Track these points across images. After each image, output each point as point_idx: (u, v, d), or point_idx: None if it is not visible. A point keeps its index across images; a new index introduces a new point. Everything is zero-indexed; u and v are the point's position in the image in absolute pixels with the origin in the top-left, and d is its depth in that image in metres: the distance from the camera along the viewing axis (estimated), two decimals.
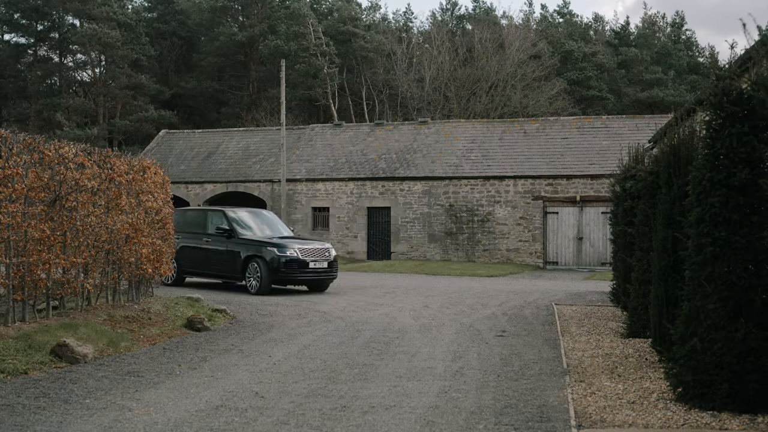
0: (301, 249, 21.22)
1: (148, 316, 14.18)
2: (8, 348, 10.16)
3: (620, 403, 8.29)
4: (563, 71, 67.29)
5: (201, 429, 7.33)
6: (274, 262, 20.79)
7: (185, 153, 45.21)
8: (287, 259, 20.89)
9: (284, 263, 20.82)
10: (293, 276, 21.08)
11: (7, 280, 11.43)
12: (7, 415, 7.66)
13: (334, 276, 22.16)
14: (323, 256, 21.64)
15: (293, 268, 20.94)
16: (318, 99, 65.82)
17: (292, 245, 21.29)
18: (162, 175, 17.06)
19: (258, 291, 20.84)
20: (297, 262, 21.00)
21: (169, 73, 72.43)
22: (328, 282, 22.17)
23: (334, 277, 22.29)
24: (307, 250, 21.34)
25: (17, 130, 12.52)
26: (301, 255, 21.12)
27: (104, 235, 13.99)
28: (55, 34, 70.29)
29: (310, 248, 21.44)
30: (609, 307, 17.63)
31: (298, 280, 21.29)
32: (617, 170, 16.32)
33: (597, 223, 35.61)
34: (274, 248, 21.00)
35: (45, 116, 64.17)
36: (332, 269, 21.92)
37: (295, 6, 67.92)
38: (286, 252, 20.94)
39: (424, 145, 40.38)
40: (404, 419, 7.79)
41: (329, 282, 22.26)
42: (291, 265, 20.90)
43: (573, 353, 11.65)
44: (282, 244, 21.26)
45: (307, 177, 40.60)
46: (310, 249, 21.44)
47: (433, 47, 65.69)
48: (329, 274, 21.87)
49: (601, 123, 39.55)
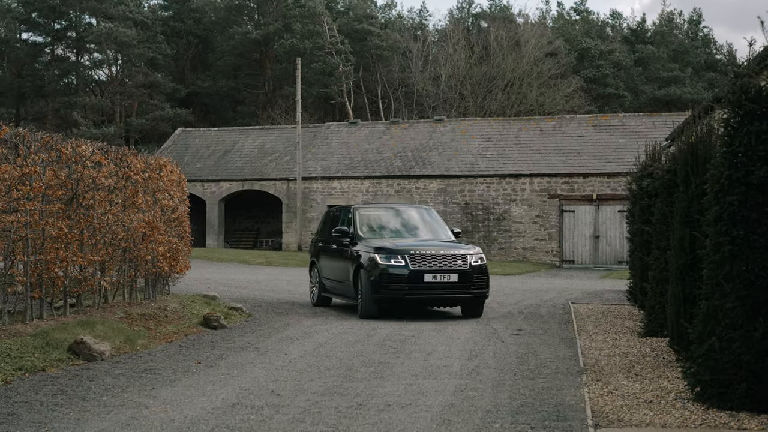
0: (413, 255, 15.70)
1: (164, 314, 14.22)
2: (26, 345, 10.20)
3: (637, 402, 8.25)
4: (580, 69, 67.05)
5: (217, 427, 7.34)
6: (374, 275, 15.60)
7: (201, 151, 45.32)
8: (390, 271, 15.55)
9: (386, 276, 15.51)
10: (398, 293, 15.67)
11: (25, 277, 11.48)
12: (25, 412, 7.69)
13: (470, 294, 15.96)
14: (451, 265, 15.77)
15: (399, 283, 15.56)
16: (333, 97, 65.82)
17: (407, 250, 15.84)
18: (178, 173, 17.10)
19: (361, 313, 15.97)
20: (404, 275, 15.54)
21: (185, 71, 72.59)
22: (466, 301, 16.25)
23: (473, 296, 16.05)
24: (423, 256, 15.73)
25: (35, 128, 12.58)
26: (411, 264, 15.58)
27: (121, 233, 14.03)
28: (72, 33, 70.66)
29: (427, 254, 15.80)
30: (626, 305, 17.56)
31: (406, 298, 15.80)
32: (634, 168, 16.25)
33: (614, 222, 35.50)
34: (375, 255, 15.75)
35: (62, 115, 64.47)
36: (467, 283, 15.84)
37: (310, 4, 67.93)
38: (390, 260, 15.63)
39: (440, 143, 40.34)
40: (420, 417, 7.77)
41: (469, 301, 16.22)
42: (396, 278, 15.54)
43: (590, 352, 11.61)
44: (391, 249, 15.89)
45: (322, 175, 40.63)
46: (428, 255, 15.77)
47: (448, 45, 65.58)
48: (461, 291, 15.90)
49: (617, 121, 39.43)
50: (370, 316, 15.78)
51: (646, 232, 13.89)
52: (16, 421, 7.36)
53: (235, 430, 7.26)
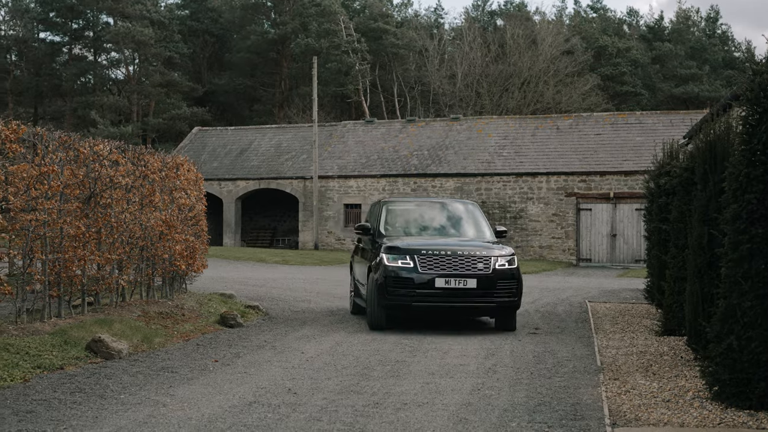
0: (424, 256, 13.49)
1: (181, 313, 14.26)
2: (44, 343, 10.25)
3: (655, 401, 8.22)
4: (596, 67, 66.89)
5: (234, 425, 7.36)
6: (380, 278, 13.54)
7: (218, 150, 45.43)
8: (396, 273, 13.43)
9: (392, 280, 13.41)
10: (405, 299, 13.45)
11: (43, 276, 11.54)
12: (43, 410, 7.73)
13: (491, 303, 13.60)
14: (469, 268, 13.44)
15: (406, 288, 13.40)
16: (350, 96, 65.90)
17: (417, 250, 13.61)
18: (195, 172, 17.14)
19: (368, 322, 14.08)
20: (411, 279, 13.39)
21: (201, 70, 72.83)
22: (488, 312, 14.12)
23: (496, 306, 13.70)
24: (435, 257, 13.48)
25: (53, 127, 12.64)
26: (420, 266, 13.43)
27: (138, 232, 14.08)
28: (89, 33, 71.05)
29: (441, 254, 13.50)
30: (643, 304, 17.50)
31: (414, 306, 13.51)
32: (651, 166, 16.18)
33: (631, 220, 35.38)
34: (383, 254, 13.67)
35: (80, 114, 64.81)
36: (488, 291, 13.47)
37: (327, 3, 68.02)
38: (398, 261, 13.50)
39: (456, 142, 40.31)
40: (437, 416, 7.77)
41: (491, 312, 14.08)
42: (402, 282, 13.41)
43: (607, 351, 11.57)
44: (400, 248, 13.72)
45: (339, 174, 40.67)
46: (441, 256, 13.48)
47: (464, 43, 65.52)
48: (480, 300, 13.52)
49: (635, 119, 39.29)
50: (378, 326, 13.75)
51: (663, 230, 13.85)
52: (35, 419, 7.40)
53: (252, 428, 7.27)
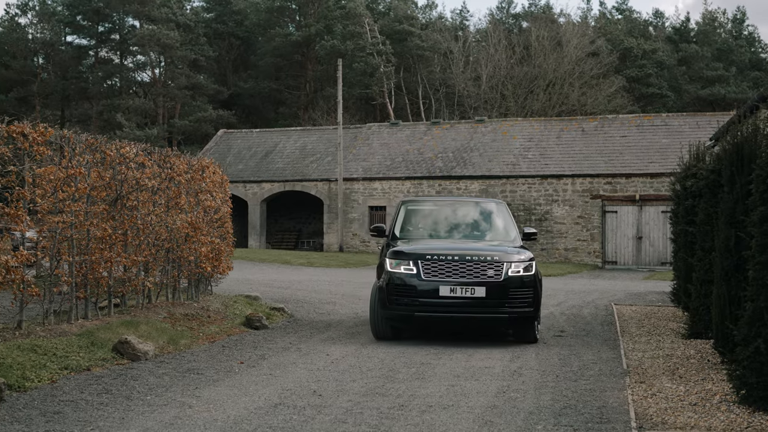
0: (428, 261, 12.39)
1: (207, 314, 14.32)
2: (72, 345, 10.32)
3: (682, 405, 8.17)
4: (622, 68, 66.55)
5: (260, 427, 7.38)
6: (383, 285, 12.63)
7: (243, 152, 45.58)
8: (397, 280, 12.43)
9: (394, 287, 12.42)
10: (407, 309, 12.36)
11: (70, 277, 11.62)
12: (71, 411, 7.79)
13: (503, 314, 12.36)
14: (478, 274, 12.30)
15: (409, 296, 12.34)
16: (375, 98, 65.93)
17: (422, 254, 12.53)
18: (220, 174, 17.20)
19: (375, 334, 13.07)
20: (413, 286, 12.33)
21: (227, 73, 73.12)
22: (500, 324, 12.74)
23: (508, 317, 12.45)
24: (441, 263, 12.37)
25: (79, 130, 12.72)
26: (424, 272, 12.38)
27: (164, 234, 14.15)
28: (115, 36, 71.55)
29: (447, 259, 12.36)
30: (669, 307, 17.39)
31: (416, 316, 12.40)
32: (678, 169, 16.09)
33: (657, 222, 35.19)
34: (387, 259, 12.72)
35: (106, 117, 65.20)
36: (499, 300, 12.28)
37: (351, 5, 68.10)
38: (400, 266, 12.47)
39: (481, 144, 40.25)
40: (462, 419, 7.76)
41: (504, 324, 12.73)
42: (404, 290, 12.36)
43: (633, 354, 11.51)
44: (405, 252, 12.69)
45: (363, 176, 40.69)
46: (447, 261, 12.35)
47: (489, 45, 65.41)
48: (490, 310, 12.32)
49: (660, 121, 39.08)
50: (383, 336, 12.84)
51: (690, 233, 13.76)
52: (62, 420, 7.46)
53: (277, 430, 7.29)
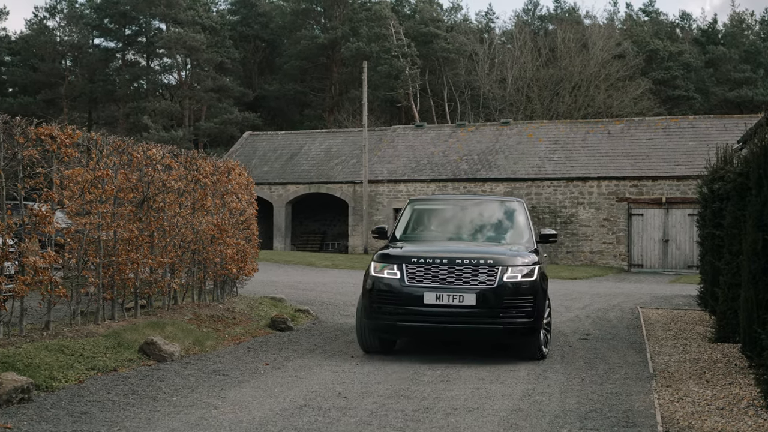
0: (413, 265, 11.19)
1: (232, 316, 14.37)
2: (98, 345, 10.39)
3: (709, 409, 8.11)
4: (648, 71, 66.20)
5: (285, 428, 7.40)
6: (366, 291, 11.52)
7: (268, 154, 45.71)
8: (380, 286, 11.25)
9: (376, 293, 11.24)
10: (389, 318, 11.14)
11: (97, 279, 11.70)
12: (97, 411, 7.84)
13: (496, 326, 10.95)
14: (468, 280, 11.00)
15: (391, 303, 11.11)
16: (400, 100, 65.94)
17: (407, 257, 11.29)
18: (246, 176, 17.26)
19: (361, 346, 11.97)
20: (395, 292, 11.11)
21: (252, 75, 73.38)
22: (493, 336, 11.26)
23: (502, 329, 11.00)
24: (427, 266, 11.14)
25: (106, 132, 12.81)
26: (408, 276, 11.17)
27: (190, 236, 14.22)
28: (142, 39, 72.05)
29: (434, 262, 11.12)
30: (696, 310, 17.27)
31: (399, 326, 11.20)
32: (705, 171, 15.99)
33: (683, 225, 34.96)
34: (371, 263, 11.62)
35: (132, 119, 65.65)
36: (492, 309, 10.91)
37: (377, 8, 68.19)
38: (384, 270, 11.28)
39: (507, 146, 40.15)
40: (487, 422, 7.74)
41: (498, 336, 11.21)
42: (386, 296, 11.17)
43: (659, 357, 11.45)
44: (389, 255, 11.51)
45: (388, 178, 40.69)
46: (434, 264, 11.11)
47: (515, 47, 65.27)
48: (480, 321, 10.96)
49: (687, 123, 38.82)
50: (370, 349, 11.76)
51: (717, 236, 13.67)
52: (89, 420, 7.51)
53: (302, 431, 7.30)
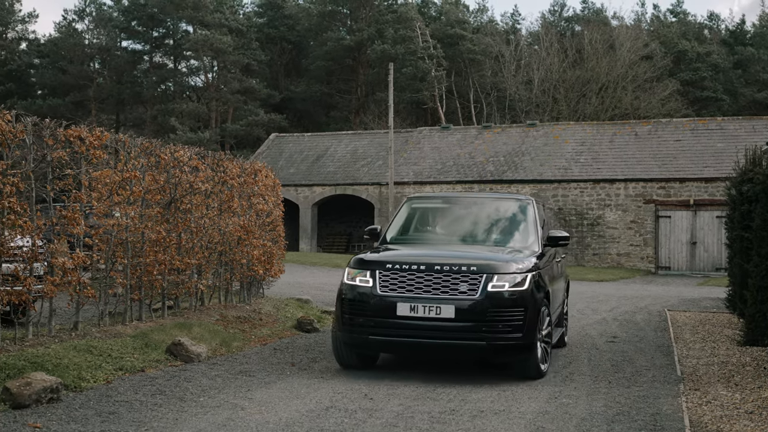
0: (387, 271, 9.98)
1: (258, 317, 14.41)
2: (126, 346, 10.46)
3: (738, 413, 8.05)
4: (676, 72, 65.80)
5: (311, 429, 7.41)
6: (339, 300, 10.43)
7: (295, 156, 45.82)
8: (351, 294, 10.14)
9: (348, 303, 10.14)
10: (361, 330, 9.96)
11: (125, 280, 11.77)
12: (125, 411, 7.89)
13: (479, 342, 9.60)
14: (447, 289, 9.71)
15: (363, 315, 9.95)
16: (425, 102, 65.89)
17: (382, 262, 10.14)
18: (272, 177, 17.31)
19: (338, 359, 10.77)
20: (367, 302, 9.95)
21: (278, 77, 73.58)
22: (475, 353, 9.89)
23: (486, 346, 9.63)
24: (402, 273, 9.92)
25: (134, 134, 12.90)
26: (380, 284, 9.95)
27: (217, 237, 14.27)
28: (169, 41, 72.49)
29: (409, 268, 9.90)
30: (724, 313, 17.15)
31: (370, 340, 9.93)
32: (733, 173, 15.88)
33: (711, 228, 34.71)
34: (346, 269, 10.49)
35: (160, 121, 66.01)
36: (473, 323, 9.57)
37: (403, 10, 68.19)
38: (356, 278, 10.16)
39: (533, 148, 40.04)
40: (513, 424, 7.72)
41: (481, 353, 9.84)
42: (357, 306, 10.03)
43: (687, 360, 11.37)
44: (364, 260, 10.37)
45: (414, 180, 40.67)
46: (410, 271, 9.88)
47: (541, 49, 65.07)
48: (460, 336, 9.62)
49: (715, 125, 38.54)
50: (347, 364, 10.57)
51: (745, 238, 13.58)
52: (117, 420, 7.56)
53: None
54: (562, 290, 12.64)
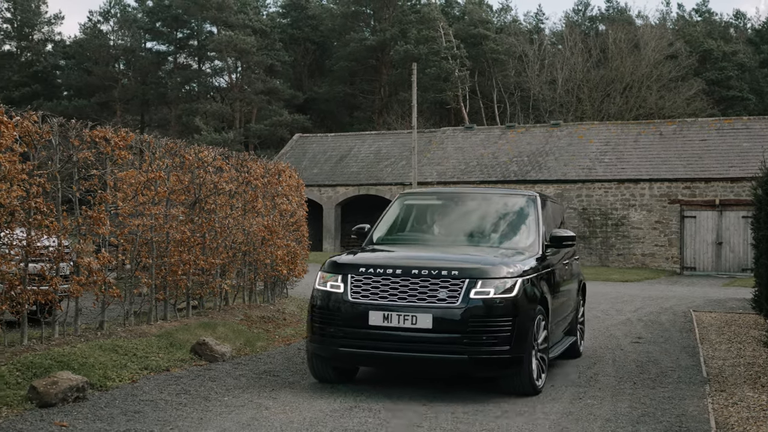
0: (359, 276, 9.10)
1: (282, 317, 14.45)
2: (151, 345, 10.51)
3: (764, 414, 8.00)
4: (701, 71, 65.36)
5: (335, 429, 7.42)
6: (310, 307, 9.58)
7: (318, 156, 45.90)
8: (321, 302, 9.24)
9: (317, 311, 9.23)
10: (331, 341, 9.01)
11: (150, 279, 11.84)
12: (150, 410, 7.93)
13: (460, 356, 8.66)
14: (424, 297, 8.77)
15: (333, 324, 9.03)
16: (449, 102, 65.83)
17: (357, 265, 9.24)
18: (296, 178, 17.36)
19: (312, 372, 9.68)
20: (338, 310, 9.05)
21: (302, 77, 73.75)
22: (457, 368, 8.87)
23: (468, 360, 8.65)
24: (376, 278, 9.02)
25: (159, 134, 12.98)
26: (352, 291, 9.06)
27: (241, 237, 14.32)
28: (194, 42, 72.90)
29: (384, 273, 8.99)
30: (751, 314, 17.02)
31: (341, 352, 9.00)
32: (759, 173, 15.75)
33: (737, 228, 34.46)
34: (318, 273, 9.60)
35: (184, 121, 66.33)
36: (453, 335, 8.65)
37: (426, 10, 68.15)
38: (326, 283, 9.26)
39: (557, 148, 39.89)
40: (538, 425, 7.70)
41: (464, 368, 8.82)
42: (327, 315, 9.11)
43: (713, 361, 11.30)
44: (337, 263, 9.49)
45: (438, 180, 40.63)
46: (385, 275, 8.97)
47: (565, 48, 64.84)
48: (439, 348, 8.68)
49: (741, 124, 38.26)
50: (322, 377, 9.59)
51: None
52: (142, 419, 7.60)
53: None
54: (573, 295, 11.88)
